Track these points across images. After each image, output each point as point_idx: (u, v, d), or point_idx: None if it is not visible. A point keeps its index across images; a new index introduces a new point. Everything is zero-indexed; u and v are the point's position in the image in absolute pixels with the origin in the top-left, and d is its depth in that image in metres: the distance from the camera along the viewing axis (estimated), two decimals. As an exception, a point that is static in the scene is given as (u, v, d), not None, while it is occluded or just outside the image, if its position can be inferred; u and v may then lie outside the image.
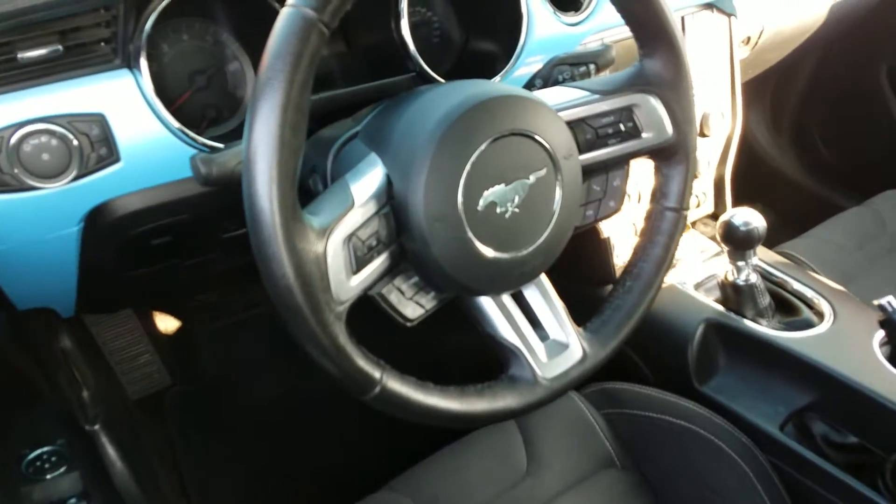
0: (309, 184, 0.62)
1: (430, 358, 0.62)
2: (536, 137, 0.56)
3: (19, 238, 0.65)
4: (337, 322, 0.50)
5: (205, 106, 0.75)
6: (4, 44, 0.58)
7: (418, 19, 0.88)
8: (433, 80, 0.77)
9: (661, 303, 0.95)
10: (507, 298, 0.62)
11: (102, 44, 0.63)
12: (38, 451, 0.64)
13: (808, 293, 0.94)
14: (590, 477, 0.83)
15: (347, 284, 0.51)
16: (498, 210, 0.56)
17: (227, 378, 1.32)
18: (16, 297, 0.77)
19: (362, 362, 0.52)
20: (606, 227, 0.98)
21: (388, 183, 0.55)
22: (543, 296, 0.64)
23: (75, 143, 0.61)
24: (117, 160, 0.64)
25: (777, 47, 1.22)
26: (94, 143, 0.62)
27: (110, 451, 0.99)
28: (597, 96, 0.63)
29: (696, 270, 1.01)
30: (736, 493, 0.80)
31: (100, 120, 0.62)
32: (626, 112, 0.63)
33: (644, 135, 0.64)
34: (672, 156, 0.65)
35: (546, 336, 0.63)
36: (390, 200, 0.55)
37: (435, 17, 0.89)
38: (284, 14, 0.46)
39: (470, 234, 0.54)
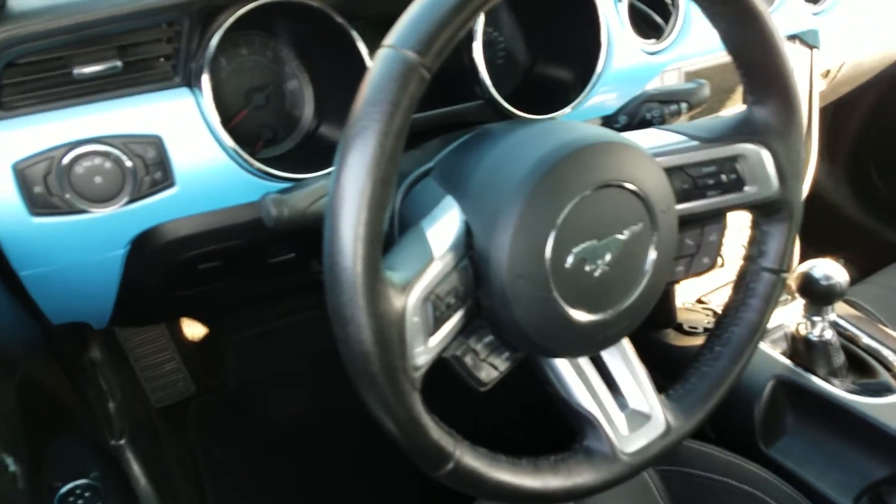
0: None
1: (491, 418, 0.57)
2: (635, 189, 0.51)
3: (63, 260, 0.61)
4: (413, 391, 0.45)
5: (260, 126, 0.71)
6: (59, 58, 0.54)
7: (485, 39, 0.82)
8: (502, 108, 0.72)
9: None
10: (584, 361, 0.57)
11: (162, 60, 0.58)
12: (72, 485, 0.60)
13: (884, 352, 0.87)
14: None
15: (425, 347, 0.47)
16: (587, 268, 0.50)
17: (252, 389, 1.28)
18: (52, 313, 0.73)
19: (437, 436, 0.47)
20: (670, 269, 0.92)
21: (468, 232, 0.50)
22: (624, 359, 0.58)
23: (129, 164, 0.56)
24: (172, 185, 0.59)
25: (852, 80, 1.15)
26: (149, 167, 0.57)
27: (134, 467, 0.95)
28: (696, 143, 0.57)
29: (763, 319, 0.95)
30: None
31: (156, 142, 0.57)
32: (730, 163, 0.57)
33: (747, 188, 0.58)
34: (775, 212, 0.59)
35: (626, 405, 0.58)
36: (469, 252, 0.50)
37: (501, 38, 0.84)
38: (382, 56, 0.41)
39: (555, 294, 0.49)
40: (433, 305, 0.47)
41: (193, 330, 1.28)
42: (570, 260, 0.49)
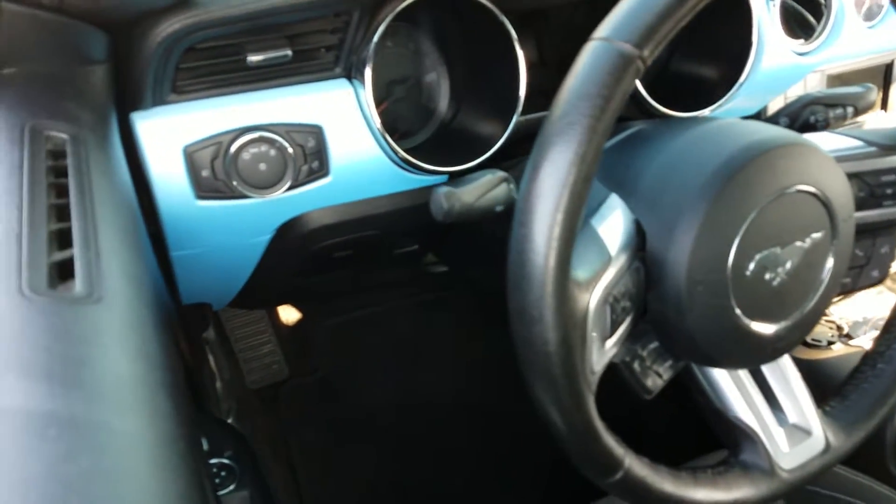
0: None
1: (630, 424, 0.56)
2: (820, 195, 0.48)
3: (214, 242, 0.62)
4: (589, 395, 0.44)
5: (397, 118, 0.71)
6: (234, 45, 0.55)
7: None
8: (647, 105, 0.70)
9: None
10: (744, 372, 0.55)
11: (324, 51, 0.58)
12: (215, 461, 0.62)
13: None
14: None
15: (602, 350, 0.46)
16: (767, 276, 0.48)
17: (342, 375, 1.29)
18: (186, 293, 0.75)
19: (609, 442, 0.46)
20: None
21: (639, 232, 0.48)
22: (784, 372, 0.56)
23: (291, 152, 0.57)
24: (327, 174, 0.59)
25: None
26: (308, 156, 0.58)
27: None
28: (875, 149, 0.54)
29: None
30: None
31: (317, 132, 0.57)
32: (910, 171, 0.54)
33: (927, 200, 0.55)
34: (954, 226, 0.56)
35: (785, 420, 0.55)
36: (640, 253, 0.48)
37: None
38: (593, 49, 0.40)
39: (733, 302, 0.47)
40: (611, 307, 0.46)
41: (289, 315, 1.31)
42: (751, 267, 0.47)
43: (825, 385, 0.76)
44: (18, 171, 0.40)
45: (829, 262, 0.51)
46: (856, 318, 0.94)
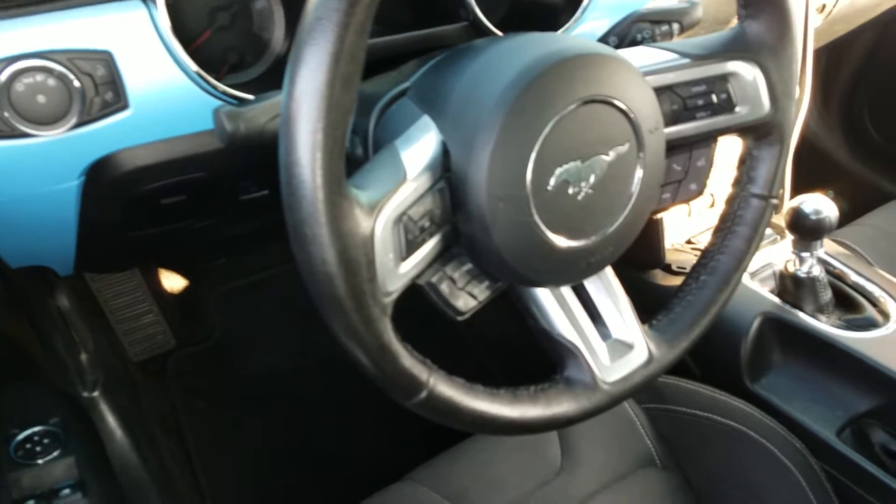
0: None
1: (469, 350, 0.56)
2: (622, 106, 0.48)
3: (12, 192, 0.57)
4: (383, 317, 0.43)
5: (226, 49, 0.66)
6: (-6, -38, 0.49)
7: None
8: (489, 32, 0.68)
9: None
10: (566, 290, 0.54)
11: (110, -32, 0.53)
12: (29, 432, 0.58)
13: (871, 288, 0.87)
14: (628, 476, 0.78)
15: (396, 272, 0.44)
16: (570, 191, 0.47)
17: (234, 343, 1.26)
18: (8, 254, 0.70)
19: (409, 363, 0.44)
20: (657, 207, 0.90)
21: (445, 152, 0.46)
22: (607, 289, 0.56)
23: (76, 84, 0.52)
24: (125, 107, 0.55)
25: (847, 19, 1.12)
26: (99, 86, 0.53)
27: (110, 419, 0.93)
28: (687, 61, 0.54)
29: (753, 259, 0.93)
30: (786, 501, 0.74)
31: (106, 58, 0.53)
32: (721, 81, 0.54)
33: (738, 109, 0.55)
34: (766, 135, 0.57)
35: (608, 334, 0.56)
36: (446, 174, 0.46)
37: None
38: None
39: (536, 218, 0.46)
40: (405, 228, 0.44)
41: (173, 282, 1.25)
42: (552, 182, 0.46)
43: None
44: None
45: (638, 176, 0.50)
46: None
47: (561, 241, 0.48)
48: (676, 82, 0.53)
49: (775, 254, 0.90)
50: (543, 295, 0.54)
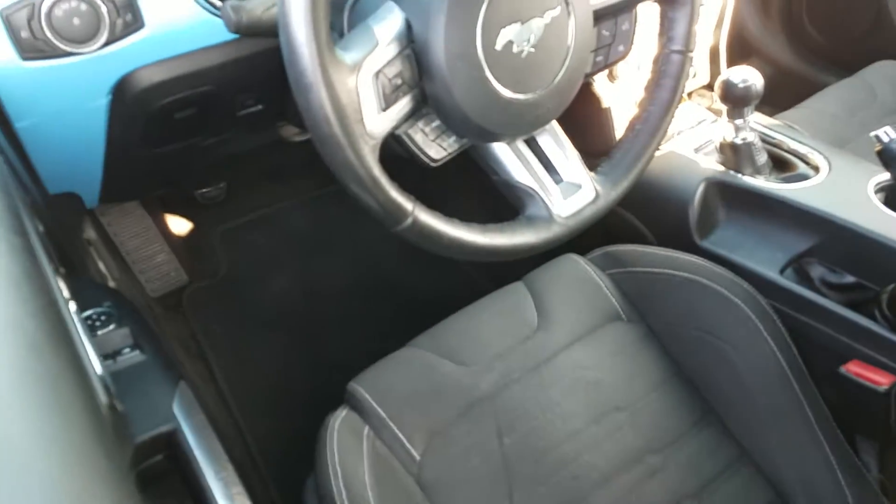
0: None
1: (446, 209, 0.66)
2: None
3: (53, 107, 0.68)
4: (371, 154, 0.54)
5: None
6: None
7: None
8: None
9: (661, 167, 1.00)
10: (521, 145, 0.66)
11: None
12: (90, 312, 0.69)
13: (803, 150, 0.97)
14: (597, 330, 0.89)
15: (378, 120, 0.55)
16: (515, 49, 0.58)
17: (240, 275, 1.37)
18: (48, 178, 0.80)
19: (395, 193, 0.56)
20: (607, 98, 1.01)
21: (408, 27, 0.57)
22: (556, 142, 0.68)
23: (103, 8, 0.63)
24: (142, 26, 0.65)
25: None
26: (120, 9, 0.63)
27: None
28: (604, -60, 0.65)
29: (695, 137, 1.04)
30: (740, 336, 0.84)
31: (123, -16, 0.63)
32: (631, -44, 0.65)
33: (650, -22, 0.66)
34: (676, -1, 0.68)
35: (560, 179, 0.67)
36: (411, 44, 0.57)
37: None
38: None
39: (488, 74, 0.58)
40: (382, 84, 0.55)
41: (179, 224, 1.36)
42: (498, 42, 0.57)
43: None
44: None
45: (570, 36, 0.61)
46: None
47: (511, 95, 0.59)
48: None
49: (715, 131, 1.01)
50: (501, 150, 0.65)
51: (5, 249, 0.33)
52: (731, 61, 1.17)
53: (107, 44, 0.64)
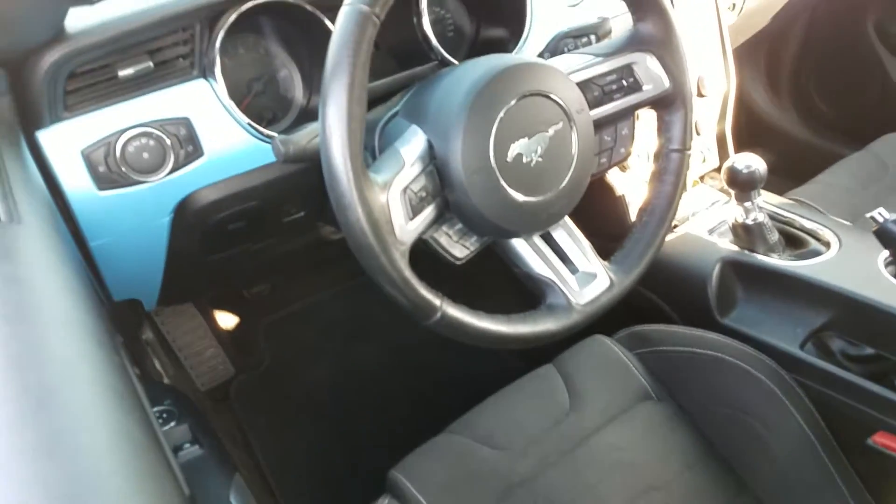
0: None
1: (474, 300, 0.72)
2: (551, 96, 0.67)
3: (123, 227, 0.77)
4: (402, 258, 0.61)
5: (262, 108, 0.87)
6: (106, 65, 0.71)
7: (433, 17, 0.99)
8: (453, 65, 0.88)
9: (678, 247, 1.05)
10: (538, 240, 0.72)
11: (181, 59, 0.75)
12: (155, 409, 0.76)
13: (813, 227, 1.02)
14: (629, 409, 0.91)
15: (406, 228, 0.62)
16: (524, 160, 0.66)
17: (284, 364, 1.44)
18: (113, 287, 0.89)
19: (425, 291, 0.62)
20: (620, 186, 1.08)
21: (430, 146, 0.66)
22: (570, 235, 0.74)
23: (168, 142, 0.73)
24: (201, 155, 0.75)
25: (762, 12, 1.31)
26: (183, 142, 0.74)
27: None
28: (600, 59, 0.74)
29: (708, 218, 1.10)
30: (767, 412, 0.86)
31: (185, 122, 0.74)
32: (627, 69, 0.73)
33: (644, 87, 0.74)
34: (671, 104, 0.75)
35: (576, 269, 0.73)
36: (433, 160, 0.65)
37: (448, 14, 1.00)
38: (345, 12, 0.57)
39: (502, 182, 0.65)
40: (409, 198, 0.63)
41: (227, 318, 1.45)
42: (509, 154, 0.65)
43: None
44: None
45: (574, 146, 0.69)
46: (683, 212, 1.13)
47: (523, 198, 0.66)
48: (594, 75, 0.73)
49: (727, 212, 1.07)
50: (521, 245, 0.72)
51: (105, 364, 0.40)
52: (744, 138, 1.24)
53: (171, 172, 0.74)
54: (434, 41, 0.87)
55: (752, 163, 0.95)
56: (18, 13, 0.61)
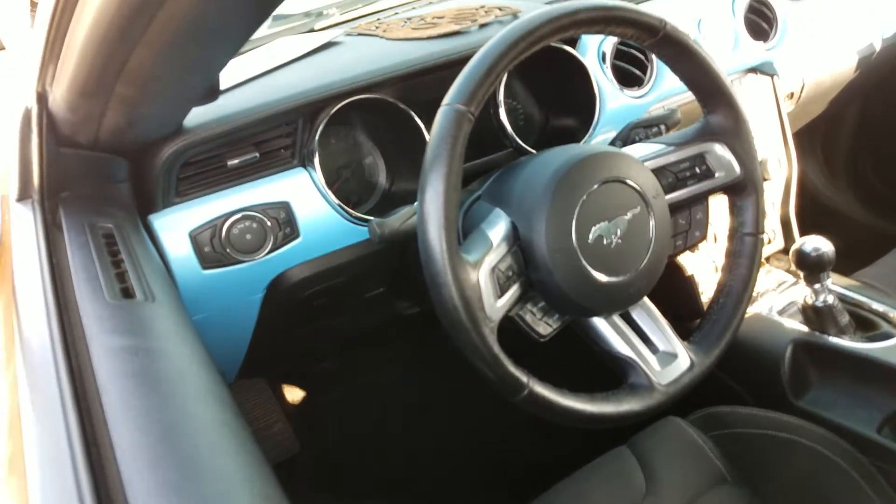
0: None
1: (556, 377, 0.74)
2: (629, 182, 0.71)
3: (221, 304, 0.82)
4: (491, 335, 0.64)
5: (349, 192, 0.94)
6: (216, 155, 0.78)
7: (507, 108, 1.06)
8: (527, 152, 0.94)
9: (749, 329, 1.05)
10: (618, 319, 0.75)
11: (282, 150, 0.82)
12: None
13: (884, 309, 1.01)
14: (705, 493, 0.89)
15: (495, 306, 0.66)
16: (605, 242, 0.69)
17: (349, 440, 1.44)
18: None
19: (513, 368, 0.65)
20: (690, 267, 1.09)
21: (514, 228, 0.70)
22: (650, 315, 0.76)
23: (269, 224, 0.79)
24: (298, 236, 0.81)
25: (819, 98, 1.35)
26: (282, 224, 0.80)
27: None
28: (672, 148, 0.78)
29: (777, 300, 1.10)
30: (843, 495, 0.84)
31: (285, 206, 0.80)
32: (699, 158, 0.77)
33: (717, 175, 0.77)
34: (742, 190, 0.78)
35: (657, 349, 0.75)
36: (517, 241, 0.69)
37: (519, 105, 1.07)
38: (443, 111, 0.63)
39: (584, 262, 0.68)
40: (497, 277, 0.66)
41: (294, 393, 1.48)
42: (591, 237, 0.69)
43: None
44: (87, 247, 0.62)
45: (651, 229, 0.72)
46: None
47: (604, 278, 0.69)
48: (667, 163, 0.77)
49: (797, 293, 1.07)
50: (602, 324, 0.74)
51: (243, 431, 0.43)
52: (807, 221, 1.25)
53: (270, 251, 0.80)
54: (510, 130, 0.93)
55: (821, 245, 0.97)
56: (150, 114, 0.69)
